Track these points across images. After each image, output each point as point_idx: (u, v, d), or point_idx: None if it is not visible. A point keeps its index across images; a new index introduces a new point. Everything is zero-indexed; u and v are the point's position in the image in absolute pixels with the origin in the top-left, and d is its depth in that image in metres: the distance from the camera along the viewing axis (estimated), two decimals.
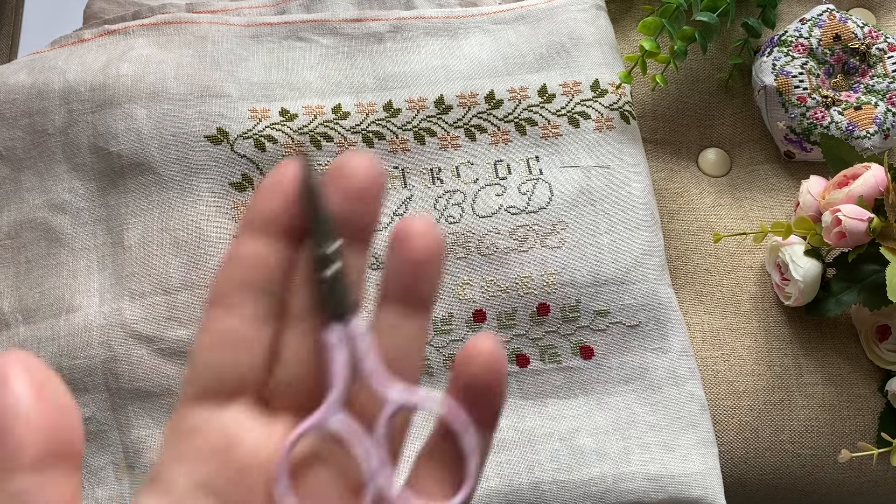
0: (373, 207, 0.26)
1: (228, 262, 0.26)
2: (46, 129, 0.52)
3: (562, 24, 0.55)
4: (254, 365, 0.26)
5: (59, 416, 0.23)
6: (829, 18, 0.56)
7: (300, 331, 0.26)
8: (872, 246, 0.49)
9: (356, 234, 0.26)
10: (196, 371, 0.26)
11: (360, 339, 0.26)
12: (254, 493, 0.26)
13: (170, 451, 0.26)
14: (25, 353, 0.23)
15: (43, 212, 0.51)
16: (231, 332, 0.26)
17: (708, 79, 0.59)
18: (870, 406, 0.52)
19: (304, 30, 0.54)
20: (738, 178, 0.58)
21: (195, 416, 0.26)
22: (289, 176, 0.26)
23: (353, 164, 0.26)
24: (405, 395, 0.26)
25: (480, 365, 0.26)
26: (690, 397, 0.50)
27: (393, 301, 0.26)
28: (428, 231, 0.26)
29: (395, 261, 0.26)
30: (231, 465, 0.25)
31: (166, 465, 0.26)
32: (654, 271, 0.51)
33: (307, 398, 0.26)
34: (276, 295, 0.26)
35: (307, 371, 0.26)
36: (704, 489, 0.48)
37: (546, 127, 0.53)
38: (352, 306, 0.26)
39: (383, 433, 0.26)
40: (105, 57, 0.53)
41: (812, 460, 0.52)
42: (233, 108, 0.51)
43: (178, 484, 0.25)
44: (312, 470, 0.26)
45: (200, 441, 0.26)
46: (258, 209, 0.26)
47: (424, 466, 0.27)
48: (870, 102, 0.55)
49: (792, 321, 0.54)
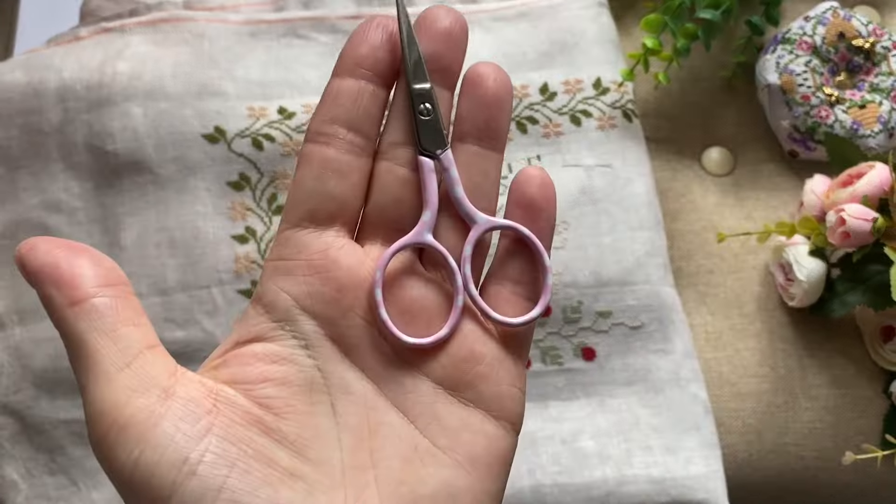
0: (458, 49, 0.29)
1: (323, 102, 0.29)
2: (42, 127, 0.51)
3: (563, 22, 0.55)
4: (350, 191, 0.28)
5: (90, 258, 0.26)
6: (834, 16, 0.56)
7: (392, 162, 0.29)
8: (877, 246, 0.49)
9: (443, 74, 0.29)
10: (297, 197, 0.28)
11: (451, 169, 0.29)
12: (351, 311, 0.28)
13: (271, 272, 0.28)
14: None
15: (38, 212, 0.51)
16: (329, 160, 0.28)
17: (711, 77, 0.59)
18: (874, 408, 0.52)
19: (303, 27, 0.54)
20: (742, 177, 0.58)
21: (296, 239, 0.28)
22: (380, 23, 0.28)
23: (439, 12, 0.28)
24: (489, 220, 0.29)
25: (536, 185, 0.29)
26: (693, 399, 0.50)
27: (470, 138, 0.29)
28: (498, 72, 0.29)
29: (469, 101, 0.29)
30: (330, 283, 0.28)
31: (268, 285, 0.28)
32: (657, 272, 0.51)
33: (397, 225, 0.29)
34: (369, 130, 0.29)
35: (398, 199, 0.29)
36: (707, 492, 0.48)
37: (547, 125, 0.53)
38: (444, 139, 0.29)
39: (470, 251, 0.29)
40: (101, 55, 0.52)
41: (816, 463, 0.51)
42: (230, 106, 0.51)
43: (280, 300, 0.28)
44: (405, 283, 0.29)
45: (302, 261, 0.28)
46: (351, 53, 0.28)
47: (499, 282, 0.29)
48: (874, 101, 0.55)
49: (796, 322, 0.53)
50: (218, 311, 0.49)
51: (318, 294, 0.28)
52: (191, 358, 0.48)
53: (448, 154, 0.29)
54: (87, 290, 0.25)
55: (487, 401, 0.28)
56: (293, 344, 0.27)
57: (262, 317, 0.28)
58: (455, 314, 0.28)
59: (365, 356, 0.28)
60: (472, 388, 0.28)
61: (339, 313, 0.28)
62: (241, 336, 0.28)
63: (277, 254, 0.28)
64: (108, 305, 0.26)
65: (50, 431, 0.48)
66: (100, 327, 0.25)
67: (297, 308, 0.27)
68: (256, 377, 0.27)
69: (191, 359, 0.48)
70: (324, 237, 0.28)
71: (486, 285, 0.30)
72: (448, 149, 0.29)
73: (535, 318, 0.29)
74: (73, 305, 0.25)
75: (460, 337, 0.28)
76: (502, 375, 0.28)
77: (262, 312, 0.28)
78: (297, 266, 0.28)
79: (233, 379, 0.27)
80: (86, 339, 0.25)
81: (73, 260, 0.26)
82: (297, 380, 0.27)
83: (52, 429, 0.48)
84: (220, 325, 0.48)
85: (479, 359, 0.28)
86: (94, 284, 0.26)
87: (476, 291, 0.29)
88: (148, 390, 0.25)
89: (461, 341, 0.28)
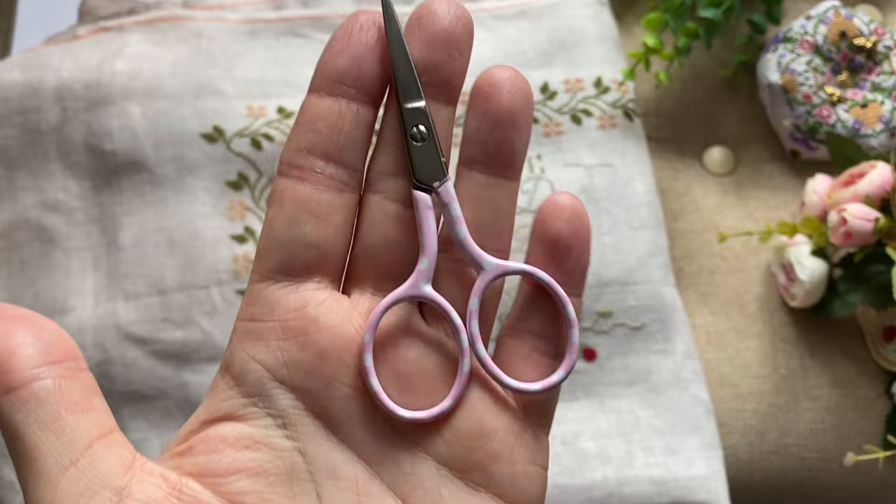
0: (460, 56, 0.24)
1: (297, 126, 0.24)
2: (40, 127, 0.51)
3: (564, 21, 0.54)
4: (331, 236, 0.24)
5: (31, 328, 0.22)
6: (835, 15, 0.56)
7: (382, 196, 0.24)
8: (879, 246, 0.49)
9: (442, 88, 0.24)
10: (267, 245, 0.24)
11: (452, 204, 0.24)
12: (336, 380, 0.23)
13: (241, 336, 0.24)
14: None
15: (36, 211, 0.50)
16: (304, 200, 0.23)
17: (712, 76, 0.59)
18: (876, 409, 0.52)
19: (302, 26, 0.54)
20: (743, 176, 0.57)
21: (267, 294, 0.24)
22: (363, 25, 0.24)
23: (437, 7, 0.23)
24: (499, 264, 0.24)
25: (564, 218, 0.24)
26: (695, 400, 0.49)
27: (479, 165, 0.24)
28: (515, 80, 0.24)
29: (478, 117, 0.24)
30: (309, 349, 0.23)
31: (237, 352, 0.24)
32: (658, 272, 0.51)
33: (390, 271, 0.24)
34: (353, 160, 0.24)
35: (390, 240, 0.24)
36: (709, 493, 0.48)
37: (548, 124, 0.52)
38: (442, 168, 0.24)
39: (476, 305, 0.24)
40: (100, 54, 0.52)
41: (817, 464, 0.51)
42: (229, 105, 0.51)
43: (250, 371, 0.23)
44: (401, 343, 0.24)
45: (275, 322, 0.23)
46: (329, 64, 0.23)
47: (517, 335, 0.25)
48: (876, 100, 0.55)
49: (797, 322, 0.53)
50: (217, 311, 0.48)
51: (296, 362, 0.23)
52: (189, 359, 0.48)
53: (447, 186, 0.24)
54: (25, 373, 0.21)
55: (501, 484, 0.24)
56: (268, 423, 0.23)
57: (231, 390, 0.24)
58: (460, 382, 0.24)
59: (355, 432, 0.23)
60: (482, 469, 0.24)
61: (321, 383, 0.23)
62: (210, 413, 0.24)
63: (247, 313, 0.24)
64: (50, 390, 0.21)
65: None
66: (40, 418, 0.21)
67: (272, 380, 0.23)
68: (227, 468, 0.23)
69: (189, 359, 0.48)
70: (300, 291, 0.24)
71: (504, 338, 0.25)
72: (447, 180, 0.24)
73: (558, 383, 0.24)
74: (8, 393, 0.21)
75: (468, 408, 0.24)
76: (519, 453, 0.24)
77: (232, 385, 0.24)
78: (270, 329, 0.23)
79: (199, 470, 0.23)
80: (24, 433, 0.21)
81: (10, 335, 0.22)
82: (275, 468, 0.23)
83: None
84: (218, 325, 0.48)
85: (490, 434, 0.24)
86: (34, 365, 0.22)
87: (485, 352, 0.24)
88: (97, 494, 0.21)
89: (468, 413, 0.24)
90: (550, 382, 0.24)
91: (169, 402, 0.48)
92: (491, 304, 0.25)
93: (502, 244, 0.25)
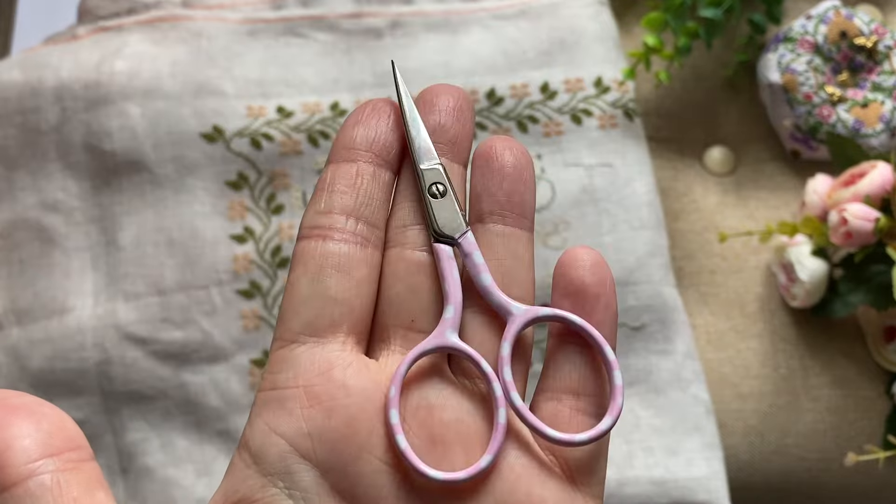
0: (467, 122, 0.25)
1: (316, 194, 0.24)
2: (40, 127, 0.51)
3: (564, 20, 0.54)
4: (354, 290, 0.23)
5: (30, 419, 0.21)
6: (836, 15, 0.56)
7: (403, 248, 0.24)
8: (879, 246, 0.49)
9: (452, 147, 0.25)
10: (291, 307, 0.23)
11: (474, 253, 0.24)
12: (366, 451, 0.22)
13: (261, 406, 0.22)
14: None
15: (36, 211, 0.50)
16: (327, 254, 0.23)
17: (712, 76, 0.58)
18: (876, 409, 0.52)
19: (302, 26, 0.54)
20: (744, 176, 0.57)
21: (292, 359, 0.22)
22: (376, 104, 0.25)
23: (439, 89, 0.25)
24: (529, 309, 0.24)
25: (587, 267, 0.24)
26: (695, 400, 0.49)
27: (493, 217, 0.25)
28: (514, 144, 0.25)
29: (484, 176, 0.25)
30: (337, 416, 0.22)
31: (257, 425, 0.22)
32: (659, 272, 0.51)
33: (416, 324, 0.24)
34: (373, 216, 0.24)
35: (413, 289, 0.24)
36: (709, 493, 0.48)
37: (548, 124, 0.52)
38: (462, 220, 0.24)
39: (508, 351, 0.23)
40: (99, 54, 0.52)
41: (818, 464, 0.51)
42: (229, 105, 0.51)
43: (270, 445, 0.22)
44: (430, 400, 0.23)
45: (299, 388, 0.22)
46: (343, 138, 0.24)
47: (554, 396, 0.24)
48: (876, 100, 0.55)
49: (798, 323, 0.53)
50: (216, 311, 0.48)
51: (322, 432, 0.22)
52: (188, 359, 0.48)
53: (469, 236, 0.24)
54: (21, 468, 0.20)
55: None
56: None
57: (249, 469, 0.22)
58: (498, 435, 0.22)
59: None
60: None
61: (349, 457, 0.22)
62: (227, 497, 0.22)
63: (268, 382, 0.23)
64: (48, 487, 0.20)
65: None
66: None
67: (294, 454, 0.22)
68: None
69: (188, 360, 0.48)
70: (326, 352, 0.22)
71: (539, 402, 0.24)
72: (468, 230, 0.24)
73: (607, 431, 0.22)
74: (2, 492, 0.20)
75: (507, 469, 0.22)
76: None
77: (250, 463, 0.22)
78: (293, 396, 0.22)
79: None
80: None
81: (7, 427, 0.20)
82: None
83: None
84: (218, 325, 0.48)
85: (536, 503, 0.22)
86: (31, 459, 0.20)
87: (521, 402, 0.23)
88: None
89: (509, 475, 0.22)
90: (599, 431, 0.22)
91: (168, 402, 0.47)
92: (524, 354, 0.24)
93: (525, 293, 0.24)
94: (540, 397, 0.24)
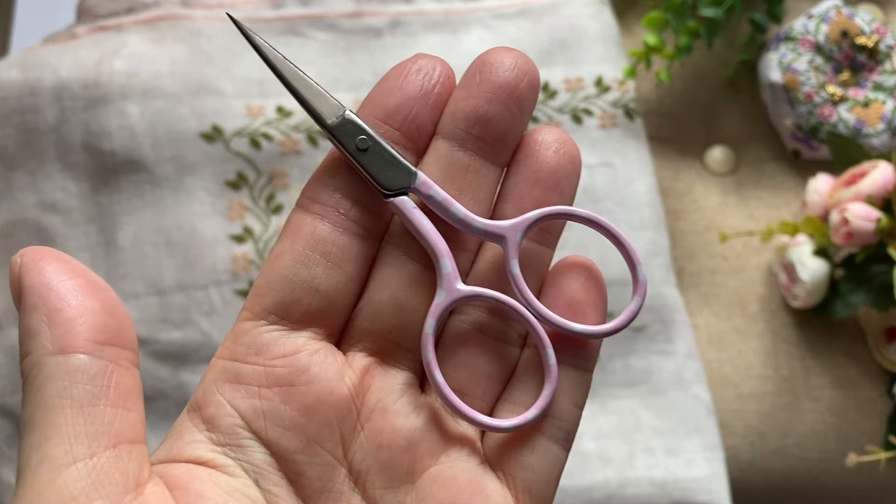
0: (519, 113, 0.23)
1: (323, 164, 0.22)
2: (38, 126, 0.51)
3: (564, 20, 0.54)
4: (341, 286, 0.22)
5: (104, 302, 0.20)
6: (837, 14, 0.56)
7: (400, 252, 0.23)
8: (881, 246, 0.48)
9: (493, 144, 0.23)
10: (268, 280, 0.22)
11: (434, 190, 0.22)
12: (317, 443, 0.21)
13: (218, 374, 0.21)
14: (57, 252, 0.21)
15: (35, 211, 0.50)
16: (320, 240, 0.22)
17: (713, 75, 0.58)
18: (877, 409, 0.52)
19: (301, 25, 0.54)
20: (745, 176, 0.57)
21: (256, 334, 0.21)
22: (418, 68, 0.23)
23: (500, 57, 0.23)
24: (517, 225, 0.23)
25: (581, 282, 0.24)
26: (696, 401, 0.49)
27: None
28: (563, 139, 0.23)
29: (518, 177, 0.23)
30: (294, 401, 0.21)
31: (211, 392, 0.21)
32: (659, 272, 0.50)
33: (391, 336, 0.22)
34: (379, 206, 0.22)
35: (400, 304, 0.22)
36: (710, 494, 0.47)
37: (548, 124, 0.52)
38: (406, 165, 0.22)
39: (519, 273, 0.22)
40: (98, 53, 0.52)
41: (819, 464, 0.51)
42: (228, 104, 0.50)
43: (223, 415, 0.21)
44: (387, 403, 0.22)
45: (259, 366, 0.21)
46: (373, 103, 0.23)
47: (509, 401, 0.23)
48: (878, 99, 0.55)
49: (799, 323, 0.53)
50: (215, 311, 0.48)
51: (276, 414, 0.21)
52: (187, 359, 0.48)
53: (420, 175, 0.22)
54: (83, 341, 0.19)
55: None
56: (242, 476, 0.21)
57: (200, 433, 0.21)
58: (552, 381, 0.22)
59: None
60: None
61: (300, 444, 0.21)
62: (175, 454, 0.21)
63: (229, 351, 0.22)
64: (100, 371, 0.19)
65: None
66: (76, 396, 0.19)
67: (247, 430, 0.21)
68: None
69: (187, 360, 0.48)
70: (293, 337, 0.22)
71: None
72: (418, 172, 0.22)
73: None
74: (60, 353, 0.19)
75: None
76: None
77: (203, 429, 0.21)
78: (253, 372, 0.21)
79: None
80: (52, 404, 0.19)
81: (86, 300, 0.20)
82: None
83: None
84: (217, 325, 0.48)
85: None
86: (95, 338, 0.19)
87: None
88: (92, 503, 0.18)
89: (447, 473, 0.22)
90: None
91: (168, 402, 0.47)
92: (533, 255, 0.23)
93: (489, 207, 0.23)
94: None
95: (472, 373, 0.23)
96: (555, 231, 0.24)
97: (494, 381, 0.23)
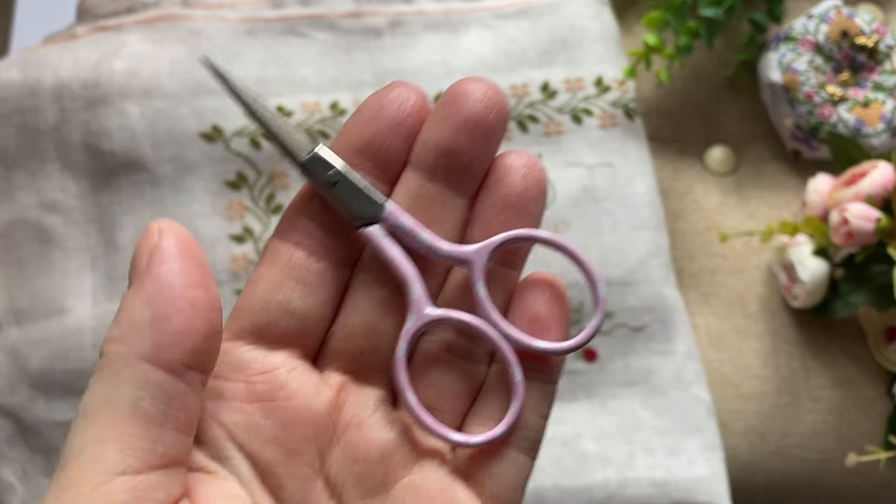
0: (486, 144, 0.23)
1: (299, 195, 0.23)
2: (38, 126, 0.51)
3: (564, 19, 0.54)
4: (317, 310, 0.23)
5: (210, 326, 0.20)
6: (837, 14, 0.56)
7: (371, 278, 0.24)
8: (881, 246, 0.48)
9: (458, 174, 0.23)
10: (248, 303, 0.23)
11: (402, 219, 0.23)
12: (297, 455, 0.22)
13: None
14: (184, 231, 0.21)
15: (35, 211, 0.50)
16: (296, 267, 0.23)
17: (713, 75, 0.58)
18: (878, 409, 0.52)
19: (301, 25, 0.54)
20: (745, 176, 0.57)
21: (236, 353, 0.22)
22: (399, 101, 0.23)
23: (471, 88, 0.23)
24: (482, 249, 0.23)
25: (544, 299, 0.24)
26: (696, 401, 0.49)
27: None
28: (530, 163, 0.23)
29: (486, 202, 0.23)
30: (274, 416, 0.22)
31: None
32: (659, 272, 0.50)
33: (364, 357, 0.23)
34: (346, 238, 0.23)
35: (371, 327, 0.23)
36: (710, 494, 0.47)
37: (548, 124, 0.52)
38: (374, 196, 0.23)
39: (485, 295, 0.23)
40: (98, 53, 0.52)
41: (819, 464, 0.51)
42: (228, 104, 0.50)
43: (211, 431, 0.22)
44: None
45: (240, 383, 0.22)
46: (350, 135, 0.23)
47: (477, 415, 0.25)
48: (878, 99, 0.55)
49: (799, 323, 0.53)
50: None
51: (258, 428, 0.22)
52: None
53: (388, 205, 0.23)
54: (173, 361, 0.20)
55: None
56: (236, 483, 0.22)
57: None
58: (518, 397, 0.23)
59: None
60: None
61: (280, 456, 0.22)
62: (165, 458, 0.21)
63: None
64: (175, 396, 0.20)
65: (46, 433, 0.48)
66: (147, 410, 0.19)
67: (232, 443, 0.22)
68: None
69: None
70: (271, 356, 0.23)
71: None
72: (386, 201, 0.23)
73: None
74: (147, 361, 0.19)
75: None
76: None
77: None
78: (235, 389, 0.22)
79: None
80: (121, 408, 0.19)
81: (195, 317, 0.20)
82: None
83: (47, 430, 0.48)
84: None
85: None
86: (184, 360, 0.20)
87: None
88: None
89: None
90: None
91: None
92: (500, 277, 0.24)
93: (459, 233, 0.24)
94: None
95: (441, 391, 0.24)
96: (521, 253, 0.24)
97: (462, 398, 0.24)
